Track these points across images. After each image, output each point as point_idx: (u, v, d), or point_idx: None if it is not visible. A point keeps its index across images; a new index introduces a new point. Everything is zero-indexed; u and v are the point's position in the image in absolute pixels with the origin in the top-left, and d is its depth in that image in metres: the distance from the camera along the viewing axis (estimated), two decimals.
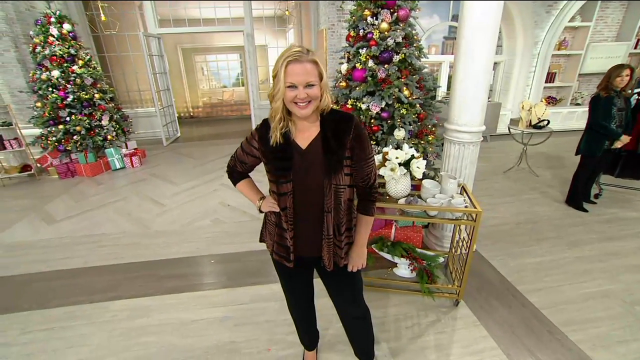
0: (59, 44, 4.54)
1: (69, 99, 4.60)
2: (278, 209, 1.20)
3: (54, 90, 4.55)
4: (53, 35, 4.52)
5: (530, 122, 4.40)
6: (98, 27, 6.36)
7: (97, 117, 4.86)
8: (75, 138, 4.73)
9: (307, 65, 1.01)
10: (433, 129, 2.85)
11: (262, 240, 1.40)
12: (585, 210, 3.42)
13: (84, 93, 4.71)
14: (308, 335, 1.69)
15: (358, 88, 2.67)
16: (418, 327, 2.01)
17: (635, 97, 3.43)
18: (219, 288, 2.41)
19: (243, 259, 2.74)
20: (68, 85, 4.60)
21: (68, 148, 4.75)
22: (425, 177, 2.68)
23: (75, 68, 4.64)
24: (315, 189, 1.15)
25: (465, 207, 1.97)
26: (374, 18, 2.57)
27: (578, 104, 6.90)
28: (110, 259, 2.79)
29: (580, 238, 2.94)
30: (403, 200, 2.09)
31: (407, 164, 2.02)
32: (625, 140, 3.04)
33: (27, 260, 2.80)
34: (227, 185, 4.25)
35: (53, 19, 4.53)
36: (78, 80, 4.65)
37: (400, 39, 2.51)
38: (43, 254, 2.89)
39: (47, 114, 4.57)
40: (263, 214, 1.36)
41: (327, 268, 1.26)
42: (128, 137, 5.55)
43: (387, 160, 2.04)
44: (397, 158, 2.00)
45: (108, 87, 5.26)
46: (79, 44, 4.85)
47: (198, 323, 2.08)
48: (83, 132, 4.74)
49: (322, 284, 1.42)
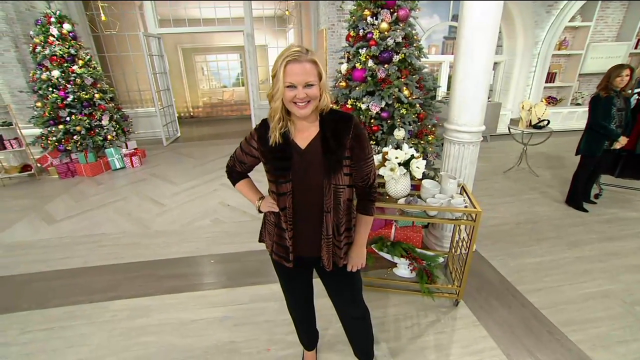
0: (59, 44, 4.55)
1: (69, 99, 4.60)
2: (277, 209, 1.20)
3: (54, 90, 4.55)
4: (53, 35, 4.52)
5: (530, 122, 4.40)
6: (98, 27, 6.36)
7: (97, 117, 4.86)
8: (76, 138, 4.74)
9: (306, 65, 1.01)
10: (433, 129, 2.84)
11: (261, 240, 1.39)
12: (586, 210, 3.42)
13: (84, 93, 4.71)
14: (307, 335, 1.68)
15: (358, 88, 2.67)
16: (418, 327, 2.01)
17: (635, 97, 3.42)
18: (219, 288, 2.41)
19: (243, 259, 2.74)
20: (68, 85, 4.60)
21: (68, 148, 4.75)
22: (425, 177, 2.68)
23: (76, 68, 4.64)
24: (315, 189, 1.15)
25: (465, 207, 1.97)
26: (374, 18, 2.57)
27: (578, 104, 6.90)
28: (110, 259, 2.79)
29: (580, 238, 2.94)
30: (403, 200, 2.09)
31: (406, 164, 2.02)
32: (624, 142, 3.05)
33: (27, 260, 2.80)
34: (227, 185, 4.25)
35: (53, 19, 4.53)
36: (78, 80, 4.65)
37: (400, 39, 2.51)
38: (43, 254, 2.89)
39: (47, 114, 4.57)
40: (262, 214, 1.36)
41: (326, 268, 1.26)
42: (128, 137, 5.55)
43: (386, 160, 2.04)
44: (396, 158, 2.00)
45: (108, 87, 5.26)
46: (79, 44, 4.85)
47: (198, 323, 2.08)
48: (83, 132, 4.74)
49: (321, 284, 1.42)
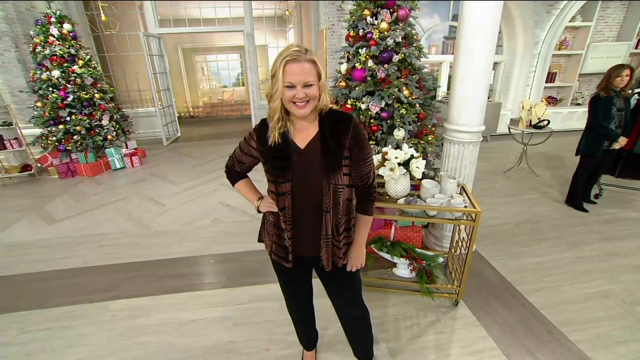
0: (59, 44, 4.55)
1: (69, 99, 4.61)
2: (276, 209, 1.19)
3: (54, 90, 4.55)
4: (53, 35, 4.53)
5: (531, 122, 4.40)
6: (98, 27, 6.37)
7: (97, 117, 4.87)
8: (76, 138, 4.74)
9: (305, 65, 1.01)
10: (433, 129, 2.84)
11: (260, 241, 1.39)
12: (586, 211, 3.41)
13: (84, 93, 4.71)
14: (307, 336, 1.68)
15: (358, 88, 2.66)
16: (417, 327, 2.01)
17: (635, 97, 3.42)
18: (218, 288, 2.41)
19: (242, 259, 2.74)
20: (68, 85, 4.60)
21: (68, 148, 4.76)
22: (425, 177, 2.68)
23: (76, 68, 4.64)
24: (314, 189, 1.15)
25: (465, 207, 1.97)
26: (374, 18, 2.57)
27: (578, 104, 6.89)
28: (110, 259, 2.79)
29: (580, 238, 2.94)
30: (402, 200, 2.08)
31: (406, 164, 2.02)
32: (623, 142, 3.06)
33: (27, 260, 2.81)
34: (227, 185, 4.25)
35: (53, 19, 4.53)
36: (78, 80, 4.65)
37: (400, 39, 2.51)
38: (43, 254, 2.89)
39: (47, 114, 4.57)
40: (261, 214, 1.36)
41: (325, 268, 1.25)
42: (128, 137, 5.55)
43: (386, 160, 2.04)
44: (396, 158, 2.00)
45: (108, 87, 5.26)
46: (79, 44, 4.85)
47: (197, 323, 2.08)
48: (83, 132, 4.74)
49: (321, 284, 1.42)
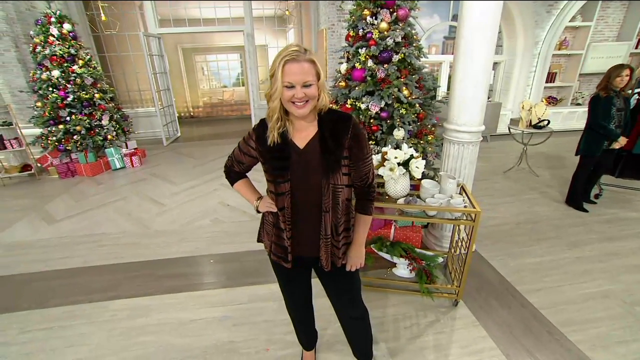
0: (59, 44, 4.55)
1: (69, 99, 4.61)
2: (275, 209, 1.19)
3: (54, 90, 4.55)
4: (53, 35, 4.53)
5: (531, 122, 4.40)
6: (98, 27, 6.37)
7: (97, 116, 4.87)
8: (76, 138, 4.74)
9: (304, 65, 1.01)
10: (432, 129, 2.84)
11: (259, 241, 1.39)
12: (586, 211, 3.41)
13: (84, 93, 4.72)
14: (306, 336, 1.68)
15: (357, 88, 2.66)
16: (417, 327, 2.01)
17: (635, 97, 3.42)
18: (218, 288, 2.41)
19: (242, 259, 2.74)
20: (68, 85, 4.60)
21: (68, 148, 4.76)
22: (425, 177, 2.68)
23: (76, 68, 4.64)
24: (313, 189, 1.14)
25: (465, 207, 1.97)
26: (374, 18, 2.57)
27: (579, 104, 6.89)
28: (110, 259, 2.79)
29: (580, 238, 2.94)
30: (402, 200, 2.08)
31: (406, 164, 2.02)
32: (623, 142, 3.06)
33: (26, 260, 2.81)
34: (226, 185, 4.22)
35: (53, 19, 4.53)
36: (78, 80, 4.65)
37: (400, 39, 2.50)
38: (43, 254, 2.90)
39: (47, 114, 4.57)
40: (261, 214, 1.35)
41: (324, 268, 1.25)
42: (128, 136, 5.55)
43: (386, 160, 2.04)
44: (396, 158, 2.00)
45: (108, 87, 5.26)
46: (79, 44, 4.85)
47: (197, 323, 2.08)
48: (83, 131, 4.74)
49: (320, 284, 1.42)
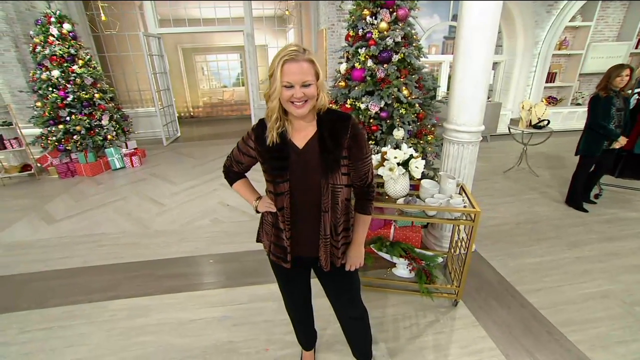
0: (59, 44, 4.55)
1: (69, 99, 4.60)
2: (275, 209, 1.19)
3: (54, 90, 4.55)
4: (53, 35, 4.52)
5: (531, 122, 4.39)
6: (98, 27, 6.37)
7: (97, 116, 4.87)
8: (75, 138, 4.74)
9: (303, 65, 1.01)
10: (432, 129, 2.84)
11: (259, 241, 1.39)
12: (585, 211, 3.41)
13: (84, 93, 4.72)
14: (306, 336, 1.68)
15: (357, 88, 2.66)
16: (416, 327, 2.01)
17: (635, 97, 3.42)
18: (218, 288, 2.41)
19: (242, 259, 2.74)
20: (68, 85, 4.60)
21: (68, 148, 4.76)
22: (424, 177, 2.68)
23: (75, 68, 4.64)
24: (313, 189, 1.14)
25: (464, 207, 1.97)
26: (373, 17, 2.56)
27: (579, 104, 6.89)
28: (110, 259, 2.79)
29: (580, 238, 2.94)
30: (402, 200, 2.08)
31: (405, 164, 2.02)
32: (623, 142, 3.06)
33: (26, 260, 2.81)
34: (226, 185, 4.20)
35: (53, 19, 4.53)
36: (78, 80, 4.65)
37: (400, 39, 2.50)
38: (42, 254, 2.89)
39: (47, 114, 4.57)
40: (260, 214, 1.35)
41: (324, 268, 1.25)
42: (128, 136, 5.55)
43: (385, 160, 2.04)
44: (395, 158, 2.00)
45: (108, 86, 5.26)
46: (79, 44, 4.85)
47: (196, 323, 2.08)
48: (83, 131, 4.74)
49: (320, 284, 1.41)
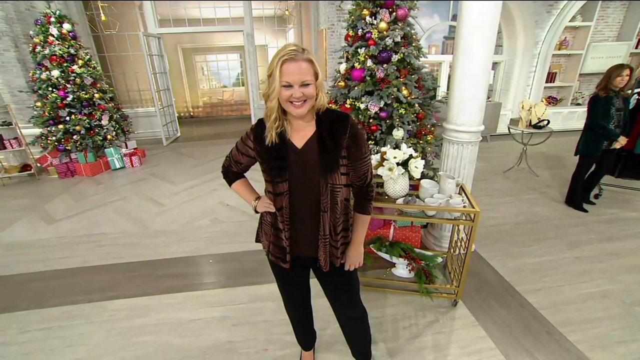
0: (59, 44, 4.55)
1: (69, 99, 4.60)
2: (274, 209, 1.19)
3: (54, 90, 4.55)
4: (53, 35, 4.52)
5: (530, 122, 4.39)
6: (98, 26, 6.36)
7: (96, 116, 4.86)
8: (75, 138, 4.74)
9: (302, 64, 1.01)
10: (432, 129, 2.84)
11: (258, 241, 1.39)
12: (585, 211, 3.41)
13: (84, 93, 4.71)
14: (305, 336, 1.68)
15: (357, 87, 2.66)
16: (416, 327, 2.01)
17: (635, 97, 3.41)
18: (217, 288, 2.41)
19: (241, 259, 2.74)
20: (68, 85, 4.60)
21: (68, 148, 4.76)
22: (424, 177, 2.68)
23: (75, 68, 4.64)
24: (312, 189, 1.14)
25: (464, 207, 1.97)
26: (373, 17, 2.56)
27: (579, 104, 6.88)
28: (109, 259, 2.79)
29: (580, 238, 2.94)
30: (401, 200, 2.08)
31: (405, 164, 2.02)
32: (623, 142, 3.05)
33: (26, 260, 2.81)
34: (226, 185, 4.22)
35: (53, 19, 4.53)
36: (78, 80, 4.65)
37: (399, 39, 2.50)
38: (42, 254, 2.89)
39: (47, 114, 4.57)
40: (259, 215, 1.35)
41: (323, 269, 1.25)
42: (128, 136, 5.55)
43: (385, 160, 2.04)
44: (395, 158, 2.00)
45: (108, 86, 5.26)
46: (79, 44, 4.85)
47: (196, 323, 2.08)
48: (83, 131, 4.74)
49: (319, 284, 1.41)
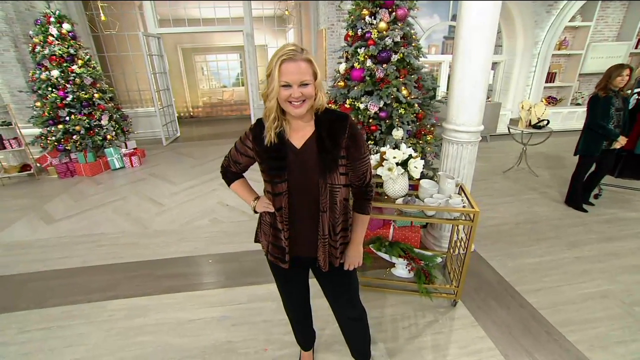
0: (59, 44, 4.55)
1: (69, 99, 4.60)
2: (273, 209, 1.19)
3: (54, 90, 4.55)
4: (52, 35, 4.52)
5: (530, 122, 4.39)
6: (98, 26, 6.36)
7: (96, 116, 4.86)
8: (75, 138, 4.74)
9: (301, 64, 1.00)
10: (431, 129, 2.84)
11: (257, 241, 1.39)
12: (585, 211, 3.40)
13: (84, 93, 4.71)
14: (304, 336, 1.68)
15: (356, 87, 2.66)
16: (415, 327, 2.01)
17: (635, 97, 3.41)
18: (217, 288, 2.41)
19: (241, 259, 2.74)
20: (67, 85, 4.60)
21: (67, 148, 4.75)
22: (424, 177, 2.68)
23: (75, 68, 4.64)
24: (311, 189, 1.14)
25: (463, 207, 1.97)
26: (372, 17, 2.56)
27: (578, 104, 6.88)
28: (109, 259, 2.79)
29: (580, 238, 2.94)
30: (401, 200, 2.08)
31: (404, 164, 2.01)
32: (623, 142, 3.05)
33: (25, 260, 2.80)
34: (225, 185, 4.23)
35: (52, 19, 4.53)
36: (77, 80, 4.65)
37: (399, 39, 2.50)
38: (41, 254, 2.89)
39: (46, 114, 4.57)
40: (258, 214, 1.35)
41: (322, 269, 1.25)
42: (127, 136, 5.55)
43: (384, 160, 2.04)
44: (394, 158, 1.99)
45: (107, 86, 5.26)
46: (79, 44, 4.85)
47: (195, 323, 2.08)
48: (82, 131, 4.74)
49: (318, 285, 1.41)
